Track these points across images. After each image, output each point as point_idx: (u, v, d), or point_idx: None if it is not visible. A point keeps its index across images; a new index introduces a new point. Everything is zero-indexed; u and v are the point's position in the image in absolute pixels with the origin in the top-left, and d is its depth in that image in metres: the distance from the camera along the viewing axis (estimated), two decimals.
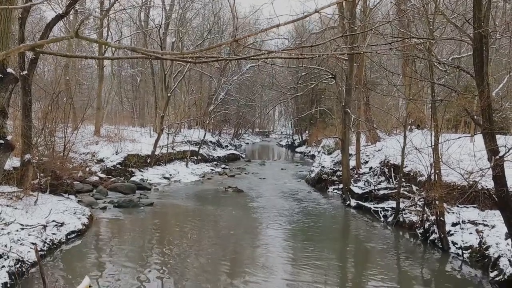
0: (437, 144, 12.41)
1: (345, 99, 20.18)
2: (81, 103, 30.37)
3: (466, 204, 12.56)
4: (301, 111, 47.68)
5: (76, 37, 4.78)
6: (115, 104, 47.98)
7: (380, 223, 15.58)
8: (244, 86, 50.37)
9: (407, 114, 16.59)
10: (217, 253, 11.83)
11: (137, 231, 13.91)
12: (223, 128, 50.51)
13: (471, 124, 15.70)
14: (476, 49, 9.28)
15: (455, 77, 17.95)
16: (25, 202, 13.02)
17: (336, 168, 23.35)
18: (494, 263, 10.06)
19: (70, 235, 12.35)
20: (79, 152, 21.52)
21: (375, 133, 24.90)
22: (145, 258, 11.11)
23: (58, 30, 29.54)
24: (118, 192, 19.51)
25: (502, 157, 9.13)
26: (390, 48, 8.84)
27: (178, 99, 40.19)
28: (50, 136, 16.59)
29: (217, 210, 17.23)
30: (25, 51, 8.38)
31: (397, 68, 25.84)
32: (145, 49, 5.14)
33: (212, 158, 35.01)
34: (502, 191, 9.31)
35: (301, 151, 47.43)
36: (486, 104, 9.21)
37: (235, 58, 5.81)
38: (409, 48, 13.74)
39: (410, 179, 16.41)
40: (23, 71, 14.66)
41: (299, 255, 11.81)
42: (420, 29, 14.38)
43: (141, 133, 31.64)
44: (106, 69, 35.79)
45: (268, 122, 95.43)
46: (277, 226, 14.78)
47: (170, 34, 34.46)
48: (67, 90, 20.81)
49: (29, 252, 10.02)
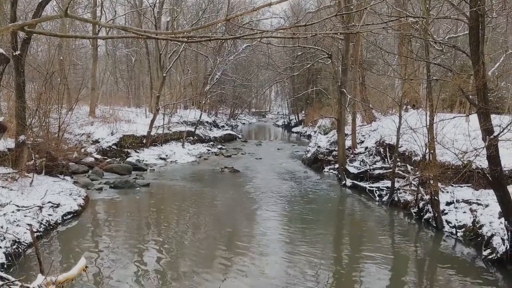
0: (432, 124, 12.42)
1: (341, 79, 20.09)
2: (75, 84, 30.13)
3: (460, 184, 12.63)
4: (297, 91, 47.53)
5: (65, 16, 4.69)
6: (110, 84, 47.61)
7: (375, 203, 15.70)
8: (240, 66, 49.99)
9: (403, 94, 16.53)
10: (213, 235, 11.91)
11: (133, 212, 13.97)
12: (219, 108, 50.32)
13: (467, 104, 15.69)
14: (472, 28, 9.20)
15: (451, 56, 17.85)
16: (20, 183, 13.02)
17: (332, 148, 23.39)
18: (487, 242, 10.18)
19: (66, 216, 12.39)
20: (74, 133, 21.46)
21: (370, 113, 24.89)
22: (141, 240, 11.18)
23: (51, 9, 29.07)
24: (114, 173, 19.51)
25: (496, 136, 9.14)
26: (385, 28, 8.75)
27: (174, 79, 39.92)
28: (44, 117, 16.50)
29: (213, 190, 17.29)
30: (14, 30, 8.26)
31: (393, 47, 25.66)
32: (137, 29, 5.06)
33: (209, 139, 34.97)
34: (495, 170, 9.35)
35: (298, 131, 47.43)
36: (481, 83, 9.17)
37: (228, 38, 5.73)
38: (405, 27, 13.62)
39: (405, 158, 16.46)
40: (15, 51, 14.48)
41: (295, 234, 11.90)
42: (417, 8, 14.24)
43: (137, 113, 31.48)
44: (100, 49, 35.47)
45: (265, 102, 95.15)
46: (273, 207, 14.87)
47: (165, 13, 34.00)
48: (61, 71, 20.59)
49: (25, 233, 10.04)
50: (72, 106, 20.90)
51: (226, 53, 39.83)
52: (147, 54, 35.69)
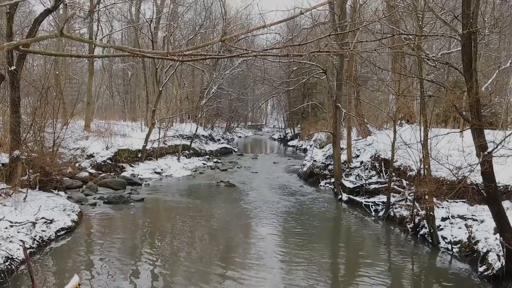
0: (426, 140, 12.47)
1: (336, 93, 20.20)
2: (71, 98, 30.12)
3: (455, 199, 12.66)
4: (293, 105, 47.72)
5: (61, 36, 4.72)
6: (105, 98, 47.65)
7: (371, 218, 15.67)
8: (236, 80, 50.23)
9: (397, 109, 16.63)
10: (209, 250, 11.84)
11: (127, 228, 13.87)
12: (215, 122, 50.38)
13: (460, 119, 15.78)
14: (464, 46, 9.29)
15: (445, 72, 18.00)
16: (14, 199, 12.92)
17: (327, 162, 23.42)
18: (483, 258, 10.16)
19: (60, 232, 12.29)
20: (69, 147, 21.39)
21: (365, 127, 24.99)
22: (135, 256, 11.08)
23: (48, 24, 29.23)
24: (108, 187, 19.41)
25: (490, 153, 9.17)
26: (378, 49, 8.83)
27: (170, 93, 39.98)
28: (39, 131, 16.45)
29: (209, 205, 17.21)
30: (9, 50, 8.28)
31: (387, 63, 25.88)
32: (132, 48, 5.09)
33: (204, 152, 34.95)
34: (490, 186, 9.36)
35: (294, 144, 47.48)
36: (474, 100, 9.24)
37: (223, 56, 5.76)
38: (399, 44, 13.76)
39: (401, 173, 16.50)
40: (11, 66, 14.49)
41: (291, 250, 11.84)
42: (410, 25, 14.39)
43: (132, 127, 31.47)
44: (96, 63, 35.51)
45: (261, 115, 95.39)
46: (269, 221, 14.81)
47: (161, 28, 34.20)
48: (57, 85, 20.60)
49: (18, 250, 9.95)
50: (67, 121, 20.84)
51: (222, 68, 40.04)
52: (144, 69, 35.80)
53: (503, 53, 22.14)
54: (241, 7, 47.44)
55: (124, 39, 45.34)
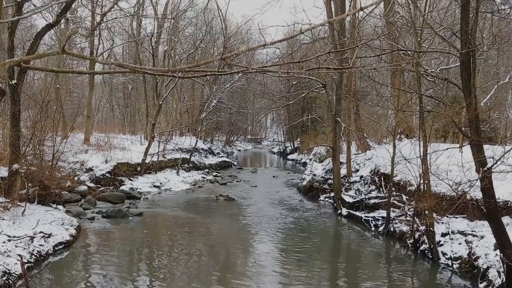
0: (426, 155, 12.47)
1: (335, 108, 20.26)
2: (71, 111, 30.20)
3: (455, 215, 12.60)
4: (293, 118, 47.81)
5: (63, 53, 4.75)
6: (105, 111, 47.76)
7: (371, 233, 15.59)
8: (236, 94, 50.42)
9: (396, 124, 16.67)
10: (207, 266, 11.76)
11: (126, 243, 13.77)
12: (215, 135, 50.44)
13: (460, 135, 15.82)
14: (463, 62, 9.36)
15: (443, 87, 18.09)
16: (12, 212, 12.87)
17: (327, 176, 23.36)
18: (483, 274, 10.09)
19: (58, 246, 12.20)
20: (68, 161, 21.38)
21: (365, 141, 25.01)
22: (134, 271, 11.00)
23: (49, 38, 29.42)
24: (107, 201, 19.31)
25: (490, 168, 9.18)
26: (378, 62, 8.89)
27: (170, 106, 40.10)
28: (38, 145, 16.46)
29: (208, 219, 17.14)
30: (11, 66, 8.33)
31: (386, 78, 26.03)
32: (133, 65, 5.12)
33: (204, 166, 34.91)
34: (490, 202, 9.35)
35: (293, 158, 47.45)
36: (473, 115, 9.28)
37: (223, 72, 5.81)
38: (398, 60, 13.86)
39: (400, 188, 16.46)
40: (12, 80, 14.56)
41: (290, 266, 11.75)
42: (409, 40, 14.52)
43: (132, 141, 31.47)
44: (97, 77, 35.61)
45: (260, 129, 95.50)
46: (268, 237, 14.73)
47: (162, 43, 34.42)
48: (57, 99, 20.67)
49: (16, 264, 9.87)
50: (67, 134, 20.88)
51: (222, 82, 40.21)
52: (144, 82, 35.94)
53: (502, 68, 22.27)
54: (241, 22, 47.92)
55: (125, 53, 45.63)
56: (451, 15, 17.63)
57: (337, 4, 20.34)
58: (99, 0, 25.72)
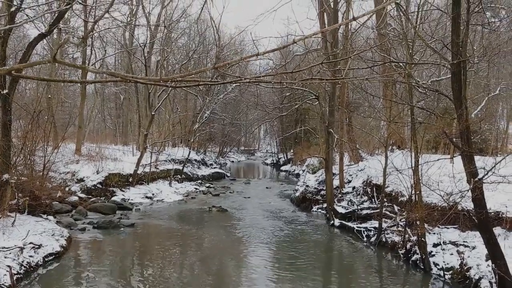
0: (417, 166, 12.54)
1: (328, 119, 20.36)
2: (62, 121, 30.05)
3: (447, 225, 12.64)
4: (286, 130, 47.90)
5: (54, 62, 4.74)
6: (97, 122, 47.56)
7: (363, 243, 15.58)
8: (229, 105, 50.48)
9: (388, 135, 16.77)
10: (199, 278, 11.66)
11: (117, 254, 13.64)
12: (208, 147, 50.34)
13: (451, 146, 15.94)
14: (454, 74, 9.47)
15: (435, 99, 18.26)
16: (2, 223, 12.71)
17: (320, 187, 23.38)
18: (475, 285, 10.11)
19: (48, 257, 12.05)
20: (59, 171, 21.18)
21: (357, 153, 25.10)
22: (124, 283, 10.87)
23: (41, 48, 29.38)
24: (98, 212, 19.14)
25: (480, 179, 9.24)
26: (370, 74, 8.97)
27: (163, 117, 40.04)
28: (29, 155, 16.32)
29: (200, 231, 17.04)
30: (2, 75, 8.30)
31: (378, 89, 26.23)
32: (124, 74, 5.12)
33: (197, 177, 34.79)
34: (481, 213, 9.40)
35: (286, 169, 47.45)
36: (464, 127, 9.37)
37: (216, 82, 5.81)
38: (390, 71, 13.99)
39: (392, 199, 16.50)
40: (3, 90, 14.47)
41: (283, 277, 11.70)
42: (400, 52, 14.67)
43: (124, 151, 31.31)
44: (89, 87, 35.64)
45: (254, 140, 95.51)
46: (261, 248, 14.66)
47: (155, 53, 34.47)
48: (49, 109, 20.56)
49: (5, 276, 9.76)
50: (58, 144, 20.73)
51: (216, 93, 40.28)
52: (136, 93, 35.91)
53: (492, 80, 22.52)
54: (235, 33, 48.13)
55: (117, 63, 45.60)
56: (442, 28, 17.84)
57: (330, 16, 20.57)
58: (92, 10, 25.79)
